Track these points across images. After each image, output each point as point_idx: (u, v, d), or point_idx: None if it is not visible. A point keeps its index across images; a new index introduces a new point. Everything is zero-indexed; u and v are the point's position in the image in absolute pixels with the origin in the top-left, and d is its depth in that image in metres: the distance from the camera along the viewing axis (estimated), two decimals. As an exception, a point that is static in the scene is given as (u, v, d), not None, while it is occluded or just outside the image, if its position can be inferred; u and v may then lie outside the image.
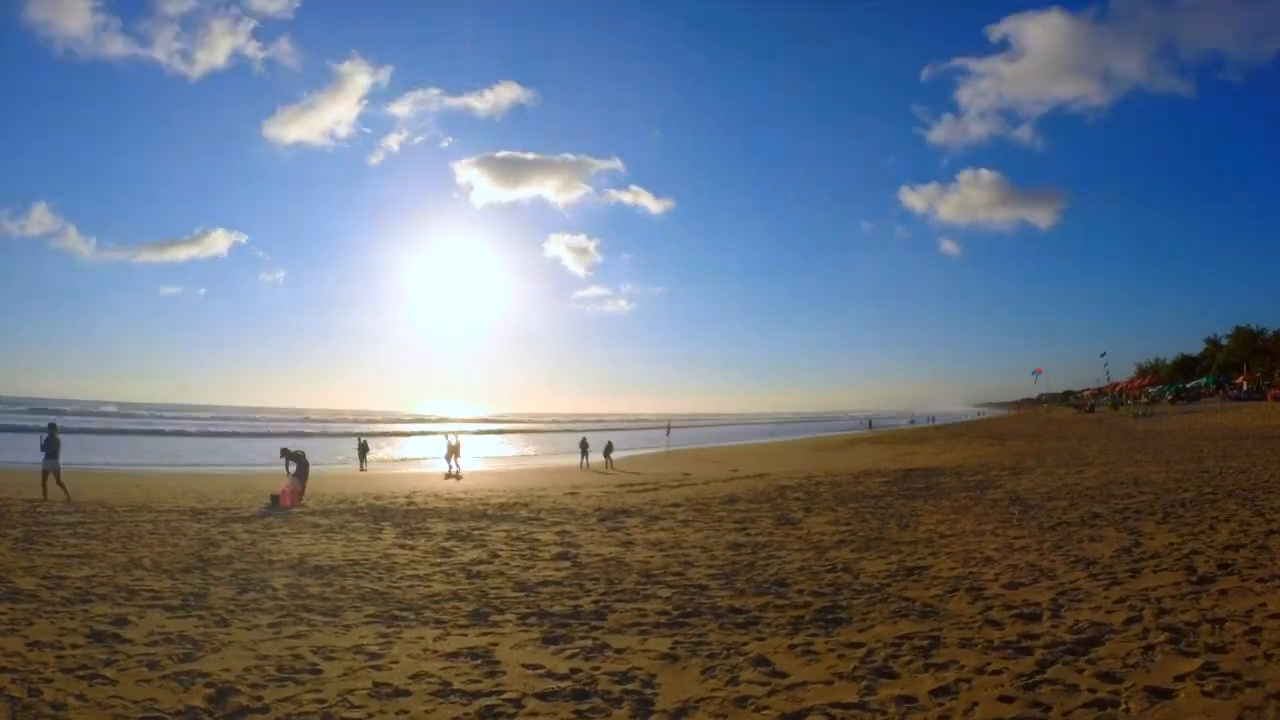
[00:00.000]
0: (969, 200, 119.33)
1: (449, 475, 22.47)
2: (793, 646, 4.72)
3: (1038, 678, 3.91)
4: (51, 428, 14.73)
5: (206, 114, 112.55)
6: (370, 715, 3.82)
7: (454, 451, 24.82)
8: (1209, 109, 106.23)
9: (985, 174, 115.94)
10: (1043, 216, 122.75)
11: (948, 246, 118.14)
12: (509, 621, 5.57)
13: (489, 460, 34.06)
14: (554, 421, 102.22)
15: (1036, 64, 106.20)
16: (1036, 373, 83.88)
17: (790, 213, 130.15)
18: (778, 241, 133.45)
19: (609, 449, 26.73)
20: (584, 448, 27.73)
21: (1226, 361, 71.15)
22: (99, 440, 38.97)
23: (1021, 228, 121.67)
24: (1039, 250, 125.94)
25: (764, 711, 3.76)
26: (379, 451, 35.47)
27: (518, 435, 67.41)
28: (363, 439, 29.08)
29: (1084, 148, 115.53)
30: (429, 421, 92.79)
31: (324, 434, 53.93)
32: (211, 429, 59.41)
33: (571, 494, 15.00)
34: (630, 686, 4.17)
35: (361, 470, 25.34)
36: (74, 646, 4.74)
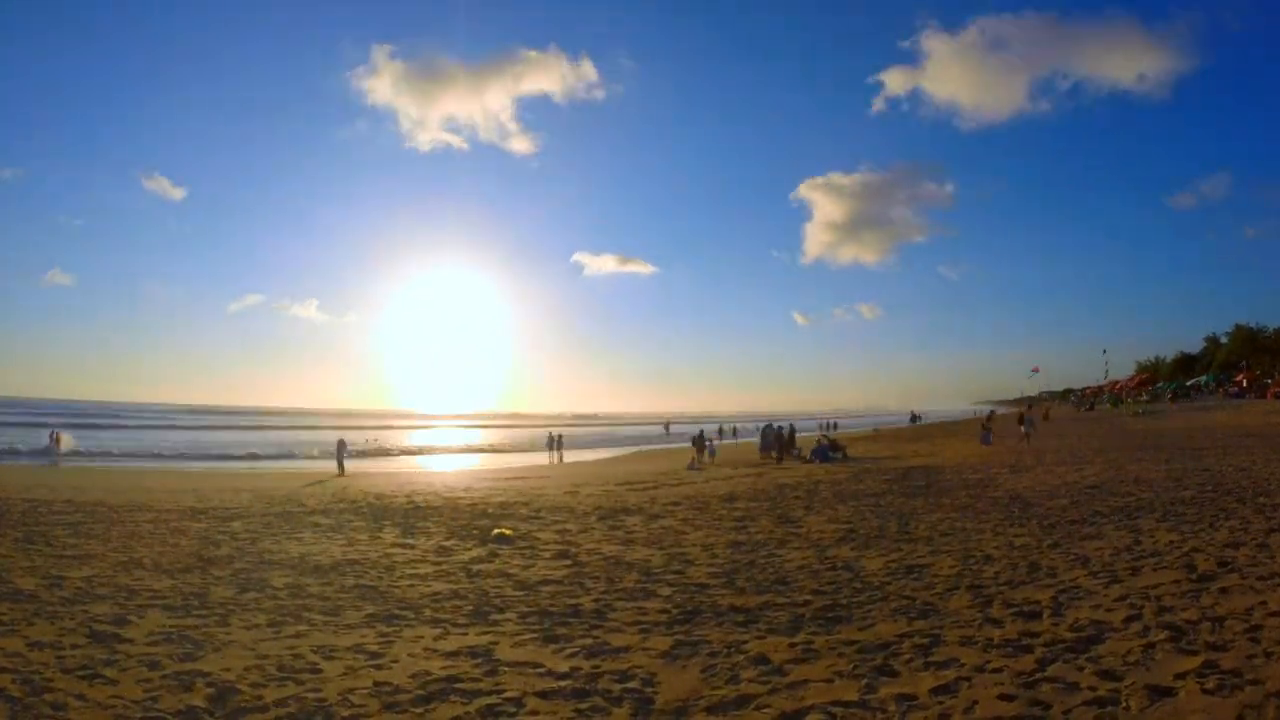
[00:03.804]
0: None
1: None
2: (793, 645, 4.72)
3: (1038, 676, 3.91)
4: None
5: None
6: (370, 714, 3.82)
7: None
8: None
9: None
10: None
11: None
12: (509, 620, 5.57)
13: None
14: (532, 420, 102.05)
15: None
16: (1034, 371, 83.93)
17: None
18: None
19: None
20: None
21: (1226, 360, 71.17)
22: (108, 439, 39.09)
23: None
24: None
25: (764, 710, 3.76)
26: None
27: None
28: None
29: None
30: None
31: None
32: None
33: (571, 493, 15.00)
34: (630, 685, 4.16)
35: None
36: (74, 646, 4.74)
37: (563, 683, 4.22)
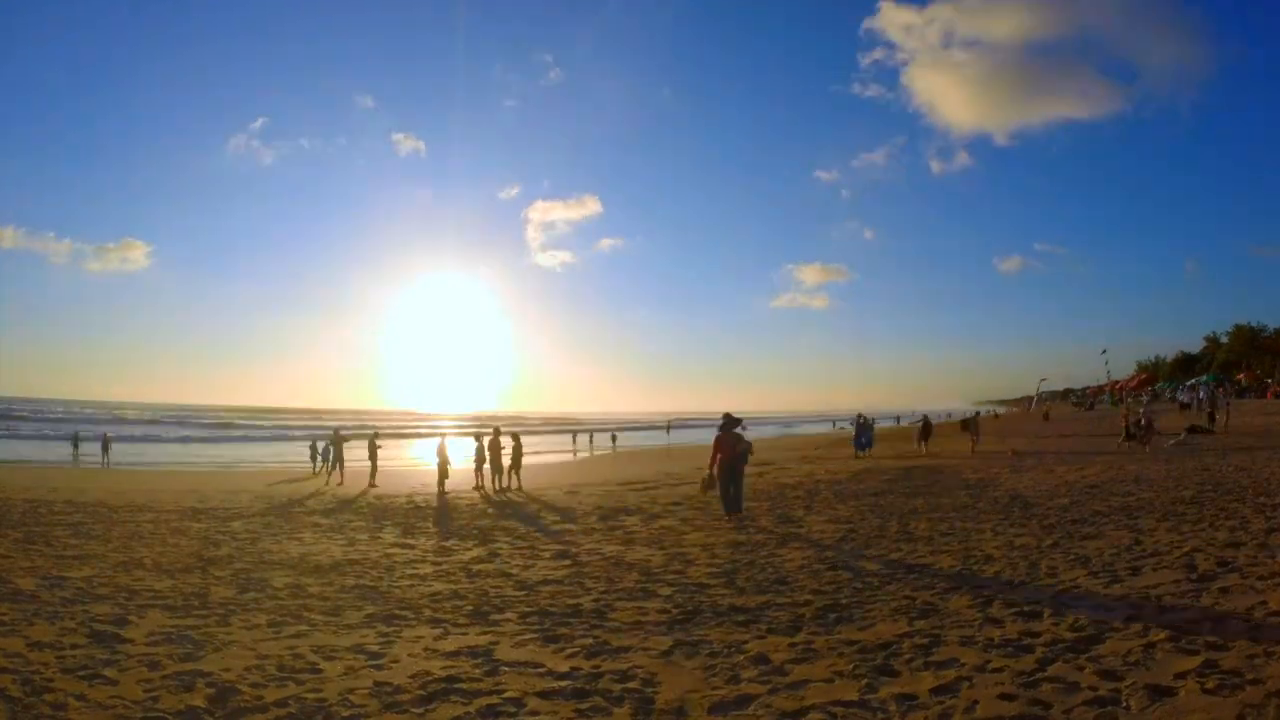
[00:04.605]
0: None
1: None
2: (793, 645, 4.72)
3: (1038, 675, 3.90)
4: None
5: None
6: (370, 714, 3.82)
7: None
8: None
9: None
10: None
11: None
12: (509, 620, 5.57)
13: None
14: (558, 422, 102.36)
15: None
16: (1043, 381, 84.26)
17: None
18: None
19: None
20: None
21: (1226, 359, 71.17)
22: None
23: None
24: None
25: (765, 710, 3.75)
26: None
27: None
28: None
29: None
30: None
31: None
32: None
33: (571, 493, 15.00)
34: (631, 685, 4.16)
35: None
36: (74, 646, 4.74)
37: (563, 683, 4.21)
